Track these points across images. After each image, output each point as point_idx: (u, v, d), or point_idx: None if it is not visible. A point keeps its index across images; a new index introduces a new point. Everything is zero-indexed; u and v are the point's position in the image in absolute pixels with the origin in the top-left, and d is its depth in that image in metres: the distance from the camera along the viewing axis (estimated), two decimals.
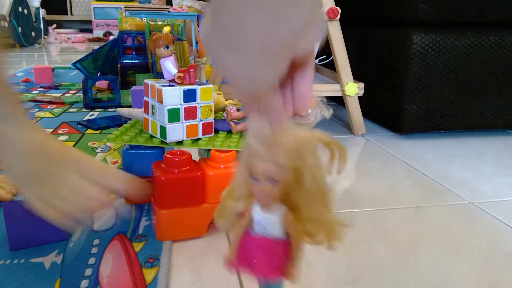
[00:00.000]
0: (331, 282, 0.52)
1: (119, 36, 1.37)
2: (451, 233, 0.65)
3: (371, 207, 0.73)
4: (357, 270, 0.55)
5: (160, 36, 0.61)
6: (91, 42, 4.15)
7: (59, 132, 1.08)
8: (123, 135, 0.65)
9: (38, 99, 1.45)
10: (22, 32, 3.40)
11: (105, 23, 4.23)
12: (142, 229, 0.61)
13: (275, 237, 0.33)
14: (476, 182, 0.84)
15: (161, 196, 0.57)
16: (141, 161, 0.66)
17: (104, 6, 4.17)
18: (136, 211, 0.67)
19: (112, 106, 1.36)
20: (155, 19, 1.46)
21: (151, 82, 0.62)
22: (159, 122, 0.61)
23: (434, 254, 0.59)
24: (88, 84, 1.35)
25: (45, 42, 3.96)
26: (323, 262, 0.56)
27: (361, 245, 0.61)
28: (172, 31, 1.38)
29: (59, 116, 1.25)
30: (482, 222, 0.69)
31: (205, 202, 0.59)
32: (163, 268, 0.52)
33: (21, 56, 2.92)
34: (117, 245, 0.57)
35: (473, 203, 0.76)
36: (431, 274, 0.55)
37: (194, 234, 0.60)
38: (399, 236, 0.64)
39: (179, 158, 0.58)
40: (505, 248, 0.62)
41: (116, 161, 0.88)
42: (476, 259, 0.59)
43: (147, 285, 0.49)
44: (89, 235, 0.59)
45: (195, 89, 0.61)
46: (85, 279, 0.50)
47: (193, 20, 1.49)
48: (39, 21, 3.74)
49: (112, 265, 0.52)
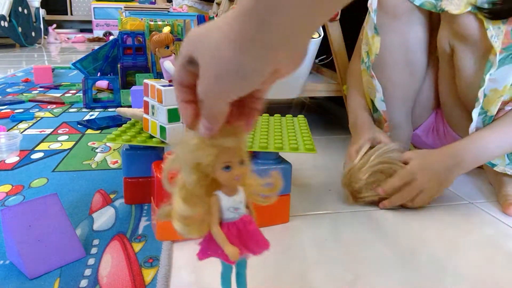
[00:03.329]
0: (331, 282, 0.52)
1: (119, 36, 1.37)
2: (451, 233, 0.65)
3: (371, 207, 0.73)
4: (357, 270, 0.55)
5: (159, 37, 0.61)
6: (91, 42, 4.15)
7: (59, 132, 1.08)
8: (123, 135, 0.64)
9: (38, 99, 1.45)
10: (22, 32, 3.40)
11: (105, 23, 4.23)
12: (142, 229, 0.61)
13: (246, 213, 0.37)
14: (476, 182, 0.84)
15: (161, 196, 0.57)
16: (141, 161, 0.66)
17: (104, 6, 4.17)
18: (136, 211, 0.67)
19: (112, 106, 1.36)
20: (155, 19, 1.46)
21: (151, 82, 0.62)
22: (159, 122, 0.61)
23: (434, 254, 0.59)
24: (88, 84, 1.35)
25: (45, 42, 3.96)
26: (323, 262, 0.56)
27: (361, 245, 0.61)
28: (172, 31, 1.38)
29: (59, 116, 1.25)
30: (482, 222, 0.69)
31: None
32: (163, 268, 0.52)
33: (21, 56, 2.92)
34: (117, 245, 0.57)
35: (473, 203, 0.76)
36: (431, 274, 0.54)
37: None
38: (399, 236, 0.64)
39: None
40: (505, 248, 0.62)
41: (116, 161, 0.88)
42: (476, 259, 0.59)
43: (146, 285, 0.49)
44: (88, 235, 0.59)
45: None
46: (85, 279, 0.50)
47: (193, 20, 1.49)
48: (39, 21, 3.74)
49: (111, 265, 0.52)
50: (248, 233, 0.36)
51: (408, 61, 0.80)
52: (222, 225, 0.36)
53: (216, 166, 0.33)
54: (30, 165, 0.85)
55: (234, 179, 0.34)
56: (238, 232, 0.36)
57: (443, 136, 0.89)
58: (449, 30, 0.73)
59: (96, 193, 0.73)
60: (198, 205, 0.35)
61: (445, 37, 0.75)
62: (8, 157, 0.89)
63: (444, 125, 0.88)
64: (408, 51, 0.79)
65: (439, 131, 0.90)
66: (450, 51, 0.75)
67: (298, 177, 0.83)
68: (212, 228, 0.35)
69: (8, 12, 3.20)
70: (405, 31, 0.77)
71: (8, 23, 3.22)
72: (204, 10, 2.51)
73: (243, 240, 0.36)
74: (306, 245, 0.61)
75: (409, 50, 0.79)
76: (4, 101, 1.41)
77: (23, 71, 2.15)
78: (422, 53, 0.80)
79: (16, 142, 0.91)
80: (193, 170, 0.34)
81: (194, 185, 0.34)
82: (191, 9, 2.36)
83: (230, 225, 0.36)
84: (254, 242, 0.37)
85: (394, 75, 0.80)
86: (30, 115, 1.20)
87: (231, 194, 0.36)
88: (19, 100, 1.42)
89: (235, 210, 0.36)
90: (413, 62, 0.80)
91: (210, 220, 0.35)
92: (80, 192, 0.73)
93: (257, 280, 0.52)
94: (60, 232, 0.52)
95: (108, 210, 0.67)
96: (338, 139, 1.13)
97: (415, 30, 0.78)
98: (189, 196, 0.34)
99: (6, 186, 0.74)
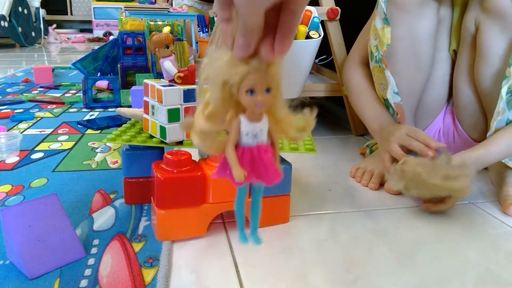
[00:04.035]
0: (331, 282, 0.52)
1: (119, 36, 1.37)
2: (451, 233, 0.65)
3: (371, 207, 0.73)
4: (357, 270, 0.55)
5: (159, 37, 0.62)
6: (91, 42, 4.15)
7: (59, 132, 1.08)
8: (123, 135, 0.64)
9: (38, 99, 1.45)
10: (22, 32, 3.40)
11: (105, 23, 4.23)
12: (142, 229, 0.61)
13: (265, 143, 0.36)
14: (476, 182, 0.84)
15: (161, 196, 0.57)
16: (141, 161, 0.66)
17: (104, 6, 4.17)
18: (136, 211, 0.67)
19: (112, 106, 1.36)
20: (155, 19, 1.46)
21: (151, 82, 0.62)
22: (159, 122, 0.61)
23: (434, 254, 0.59)
24: (88, 84, 1.35)
25: (45, 42, 3.96)
26: (323, 262, 0.56)
27: (361, 245, 0.61)
28: (172, 31, 1.38)
29: (59, 116, 1.25)
30: (482, 222, 0.69)
31: (205, 202, 0.59)
32: (163, 268, 0.52)
33: (21, 56, 2.92)
34: (117, 245, 0.57)
35: (473, 203, 0.76)
36: (431, 274, 0.55)
37: (194, 234, 0.60)
38: (399, 236, 0.64)
39: (179, 158, 0.58)
40: (505, 248, 0.62)
41: (116, 161, 0.88)
42: (476, 259, 0.59)
43: (146, 285, 0.49)
44: (88, 235, 0.59)
45: (195, 89, 0.61)
46: (85, 279, 0.50)
47: (193, 20, 1.49)
48: (39, 21, 3.74)
49: (111, 265, 0.52)
50: (261, 161, 0.36)
51: (415, 53, 0.79)
52: (237, 148, 0.36)
53: (241, 88, 0.33)
54: (30, 165, 0.85)
55: (255, 105, 0.34)
56: (252, 158, 0.36)
57: (452, 140, 0.88)
58: (479, 7, 0.73)
59: (96, 193, 0.73)
60: (219, 123, 0.35)
61: (472, 18, 0.75)
62: (8, 157, 0.89)
63: (456, 128, 0.88)
64: (416, 43, 0.79)
65: (448, 135, 0.90)
66: (475, 31, 0.75)
67: (298, 177, 0.83)
68: (227, 148, 0.35)
69: (8, 12, 3.20)
70: (414, 23, 0.77)
71: (8, 23, 3.22)
72: (204, 10, 2.51)
73: (255, 167, 0.36)
74: (306, 245, 0.61)
75: (416, 42, 0.79)
76: (4, 101, 1.40)
77: (23, 71, 2.15)
78: (429, 47, 0.80)
79: (16, 142, 0.91)
80: (219, 88, 0.33)
81: (218, 103, 0.34)
82: (191, 9, 2.36)
83: (245, 150, 0.36)
84: (265, 170, 0.36)
85: (400, 67, 0.80)
86: (30, 115, 1.20)
87: (252, 119, 0.35)
88: (19, 100, 1.42)
89: (254, 137, 0.36)
90: (420, 55, 0.80)
91: (226, 140, 0.35)
92: (80, 192, 0.73)
93: (257, 279, 0.52)
94: (60, 232, 0.52)
95: (108, 210, 0.67)
96: (338, 139, 1.13)
97: (424, 24, 0.78)
98: (211, 113, 0.34)
99: (6, 186, 0.74)
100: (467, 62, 0.80)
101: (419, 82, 0.82)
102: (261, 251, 0.58)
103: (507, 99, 0.70)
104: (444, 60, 0.84)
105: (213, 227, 0.63)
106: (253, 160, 0.36)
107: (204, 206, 0.59)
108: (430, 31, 0.79)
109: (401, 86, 0.80)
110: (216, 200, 0.59)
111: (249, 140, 0.36)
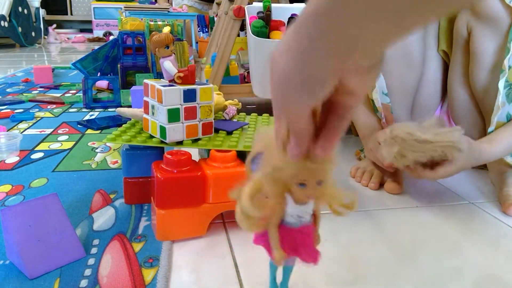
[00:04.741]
0: (331, 282, 0.52)
1: (119, 36, 1.37)
2: (451, 233, 0.65)
3: (371, 207, 0.73)
4: (357, 270, 0.55)
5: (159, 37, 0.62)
6: (91, 42, 4.15)
7: (59, 132, 1.08)
8: (123, 135, 0.64)
9: (38, 99, 1.45)
10: (22, 32, 3.40)
11: (105, 23, 4.23)
12: (142, 229, 0.61)
13: (308, 224, 0.37)
14: (476, 182, 0.84)
15: (161, 196, 0.57)
16: (141, 161, 0.66)
17: (104, 6, 4.17)
18: (136, 211, 0.67)
19: (112, 106, 1.36)
20: (155, 19, 1.46)
21: (151, 82, 0.62)
22: (159, 122, 0.61)
23: (434, 254, 0.59)
24: (88, 84, 1.35)
25: (45, 42, 3.96)
26: (323, 262, 0.56)
27: (361, 245, 0.61)
28: (172, 31, 1.38)
29: (59, 116, 1.25)
30: (482, 222, 0.69)
31: (205, 202, 0.59)
32: (163, 268, 0.52)
33: (21, 56, 2.92)
34: (117, 245, 0.57)
35: (473, 203, 0.76)
36: (431, 274, 0.54)
37: (194, 234, 0.60)
38: (399, 236, 0.64)
39: (179, 158, 0.58)
40: (505, 248, 0.62)
41: (116, 161, 0.88)
42: (476, 259, 0.59)
43: (146, 285, 0.49)
44: (88, 235, 0.59)
45: (195, 89, 0.61)
46: (85, 279, 0.50)
47: (193, 20, 1.49)
48: (39, 21, 3.74)
49: (111, 265, 0.52)
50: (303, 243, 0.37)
51: (405, 52, 0.80)
52: (281, 228, 0.36)
53: (293, 181, 0.34)
54: (30, 165, 0.85)
55: (306, 197, 0.34)
56: (293, 240, 0.36)
57: None
58: (469, 11, 0.74)
59: (96, 193, 0.73)
60: (263, 209, 0.35)
61: (464, 22, 0.75)
62: (8, 157, 0.89)
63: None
64: (406, 42, 0.78)
65: None
66: (467, 35, 0.76)
67: None
68: (270, 228, 0.36)
69: (8, 12, 3.20)
70: None
71: (8, 23, 3.22)
72: (204, 10, 2.51)
73: (296, 248, 0.37)
74: None
75: (406, 41, 0.78)
76: (4, 101, 1.41)
77: (23, 71, 2.15)
78: (420, 45, 0.80)
79: (16, 142, 0.91)
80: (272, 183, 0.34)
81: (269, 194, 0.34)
82: (191, 9, 2.36)
83: (288, 231, 0.36)
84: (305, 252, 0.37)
85: (391, 67, 0.80)
86: (30, 115, 1.20)
87: (299, 203, 0.35)
88: (19, 100, 1.42)
89: (298, 217, 0.36)
90: (410, 54, 0.80)
91: (270, 219, 0.36)
92: (80, 192, 0.73)
93: (257, 279, 0.52)
94: (60, 232, 0.52)
95: (108, 210, 0.67)
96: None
97: None
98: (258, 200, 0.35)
99: (6, 186, 0.74)
100: (461, 65, 0.80)
101: (411, 80, 0.83)
102: (261, 251, 0.57)
103: (506, 93, 0.71)
104: (434, 58, 0.85)
105: (213, 227, 0.63)
106: (294, 242, 0.36)
107: (204, 206, 0.59)
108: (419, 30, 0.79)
109: (394, 86, 0.80)
110: (216, 200, 0.59)
111: (292, 220, 0.36)
